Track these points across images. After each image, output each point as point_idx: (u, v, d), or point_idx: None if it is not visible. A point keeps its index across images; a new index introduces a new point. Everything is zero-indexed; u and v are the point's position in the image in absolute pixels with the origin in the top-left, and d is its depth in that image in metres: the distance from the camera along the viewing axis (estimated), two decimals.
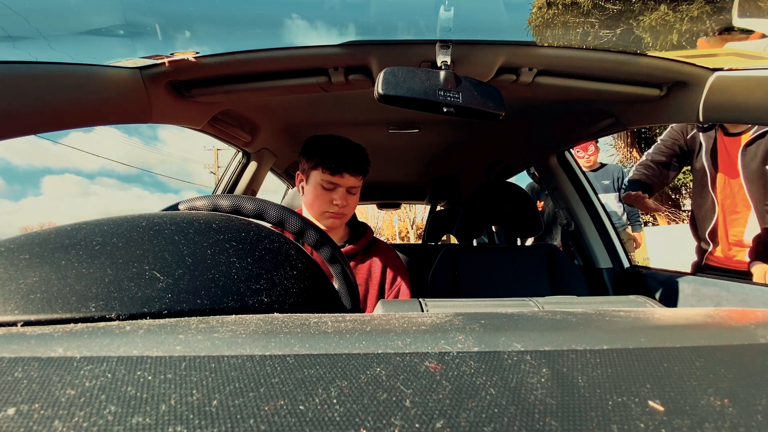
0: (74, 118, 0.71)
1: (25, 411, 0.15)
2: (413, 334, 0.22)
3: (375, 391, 0.17)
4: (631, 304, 0.52)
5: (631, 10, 0.76)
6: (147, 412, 0.15)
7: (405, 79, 0.66)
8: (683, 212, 9.71)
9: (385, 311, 0.47)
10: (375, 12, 0.81)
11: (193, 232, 0.32)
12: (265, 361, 0.18)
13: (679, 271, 1.21)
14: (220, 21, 0.82)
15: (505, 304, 0.55)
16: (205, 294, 0.27)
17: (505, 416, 0.16)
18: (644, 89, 0.93)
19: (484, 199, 1.38)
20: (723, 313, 0.29)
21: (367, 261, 1.06)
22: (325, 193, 0.99)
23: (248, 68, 0.86)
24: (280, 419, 0.15)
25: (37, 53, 0.65)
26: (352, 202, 1.03)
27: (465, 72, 0.74)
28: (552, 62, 0.86)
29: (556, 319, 0.27)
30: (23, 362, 0.17)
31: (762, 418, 0.17)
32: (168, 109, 0.91)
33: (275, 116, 1.39)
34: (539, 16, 0.76)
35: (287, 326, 0.23)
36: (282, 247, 0.36)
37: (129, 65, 0.79)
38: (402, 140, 1.73)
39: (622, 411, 0.17)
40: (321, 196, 0.99)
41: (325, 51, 0.81)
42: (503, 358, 0.20)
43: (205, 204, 0.50)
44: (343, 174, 0.98)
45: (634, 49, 0.84)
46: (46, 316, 0.23)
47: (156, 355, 0.18)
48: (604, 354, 0.20)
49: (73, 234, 0.28)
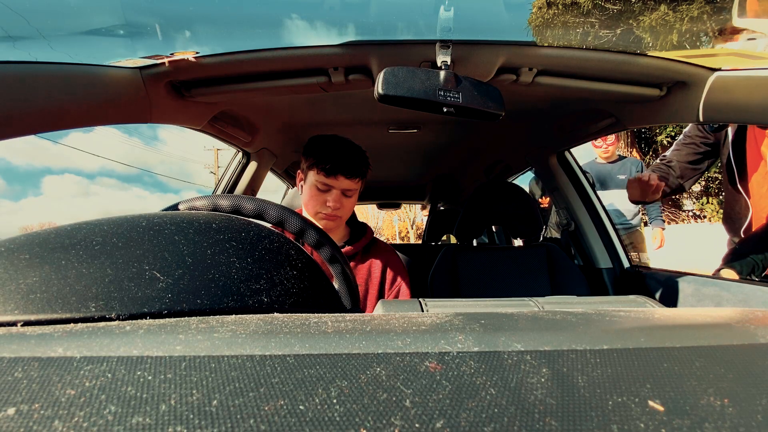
0: (74, 118, 0.71)
1: (25, 411, 0.15)
2: (413, 334, 0.22)
3: (375, 391, 0.17)
4: (631, 304, 0.52)
5: (631, 10, 0.76)
6: (147, 412, 0.15)
7: (405, 79, 0.66)
8: (683, 212, 9.71)
9: (385, 311, 0.47)
10: (375, 12, 0.81)
11: (193, 232, 0.32)
12: (265, 361, 0.18)
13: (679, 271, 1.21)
14: (221, 21, 0.82)
15: (505, 304, 0.55)
16: (205, 294, 0.27)
17: (505, 416, 0.16)
18: (644, 89, 0.93)
19: (484, 199, 1.38)
20: (723, 313, 0.29)
21: (367, 261, 1.06)
22: (319, 194, 0.99)
23: (248, 68, 0.86)
24: (280, 419, 0.15)
25: (38, 53, 0.65)
26: (348, 204, 1.01)
27: (465, 72, 0.74)
28: (552, 62, 0.86)
29: (556, 319, 0.27)
30: (23, 362, 0.17)
31: (762, 418, 0.17)
32: (168, 109, 0.91)
33: (275, 116, 1.38)
34: (539, 16, 0.76)
35: (287, 326, 0.23)
36: (282, 247, 0.36)
37: (129, 65, 0.79)
38: (402, 140, 1.73)
39: (622, 411, 0.17)
40: (315, 197, 0.99)
41: (325, 51, 0.81)
42: (503, 358, 0.20)
43: (205, 204, 0.50)
44: (337, 176, 0.96)
45: (634, 49, 0.84)
46: (46, 316, 0.23)
47: (156, 355, 0.18)
48: (604, 354, 0.20)
49: (73, 234, 0.28)
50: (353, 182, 0.99)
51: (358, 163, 0.99)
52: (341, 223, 1.05)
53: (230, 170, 1.54)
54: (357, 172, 0.99)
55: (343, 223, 1.06)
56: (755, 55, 0.78)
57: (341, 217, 1.02)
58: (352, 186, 1.00)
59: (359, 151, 1.02)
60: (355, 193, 1.03)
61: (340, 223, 1.05)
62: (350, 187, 0.99)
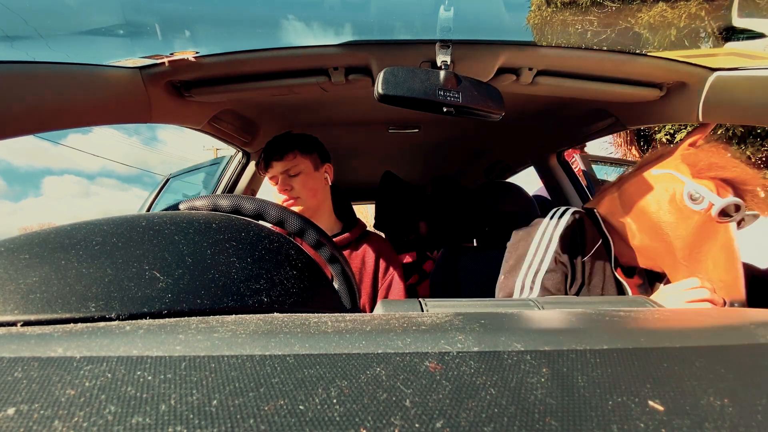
0: (74, 118, 0.71)
1: (24, 411, 0.15)
2: (413, 333, 0.22)
3: (375, 390, 0.17)
4: (631, 304, 0.52)
5: (630, 8, 0.76)
6: (147, 412, 0.15)
7: (405, 78, 0.66)
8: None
9: (385, 311, 0.47)
10: (375, 12, 0.81)
11: (193, 232, 0.32)
12: (265, 361, 0.18)
13: None
14: (221, 21, 0.82)
15: (505, 304, 0.55)
16: (205, 294, 0.27)
17: (505, 416, 0.16)
18: (644, 89, 0.93)
19: (484, 199, 1.38)
20: (723, 313, 0.29)
21: (361, 250, 1.07)
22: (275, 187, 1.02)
23: (248, 68, 0.86)
24: (280, 419, 0.15)
25: (37, 53, 0.65)
26: (298, 184, 1.00)
27: (465, 72, 0.74)
28: (552, 62, 0.86)
29: (556, 318, 0.27)
30: (23, 362, 0.17)
31: (762, 417, 0.17)
32: (168, 109, 0.91)
33: (275, 116, 1.38)
34: (538, 15, 0.76)
35: (287, 326, 0.23)
36: (282, 247, 0.36)
37: (129, 65, 0.79)
38: (402, 140, 1.73)
39: (622, 411, 0.17)
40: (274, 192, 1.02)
41: (325, 51, 0.81)
42: (503, 358, 0.20)
43: (204, 204, 0.50)
44: (271, 164, 1.00)
45: (633, 49, 0.84)
46: (45, 316, 0.23)
47: (156, 355, 0.18)
48: (604, 354, 0.20)
49: (72, 234, 0.28)
50: (287, 161, 1.00)
51: (286, 145, 1.00)
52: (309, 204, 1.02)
53: (230, 170, 1.54)
54: (285, 151, 0.99)
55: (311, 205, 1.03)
56: (755, 54, 0.78)
57: (300, 197, 1.00)
58: (288, 165, 1.00)
59: (292, 136, 1.04)
60: (302, 171, 1.01)
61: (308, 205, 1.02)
62: (287, 166, 1.00)
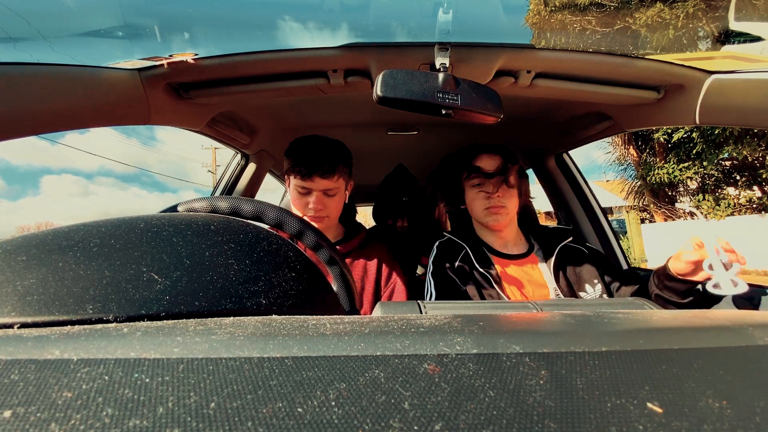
0: (73, 120, 0.71)
1: (21, 413, 0.15)
2: (412, 336, 0.22)
3: (373, 393, 0.17)
4: (629, 306, 0.52)
5: (628, 8, 0.76)
6: (144, 415, 0.15)
7: (404, 81, 0.66)
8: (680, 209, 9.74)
9: (383, 313, 0.47)
10: (374, 14, 0.81)
11: (191, 233, 0.32)
12: (263, 363, 0.18)
13: None
14: (219, 23, 0.82)
15: (503, 306, 0.55)
16: (203, 296, 0.27)
17: (503, 418, 0.16)
18: (642, 92, 0.94)
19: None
20: (721, 315, 0.29)
21: (363, 258, 1.06)
22: (301, 197, 0.97)
23: (247, 70, 0.86)
24: (279, 422, 0.15)
25: (38, 54, 0.65)
26: (332, 204, 0.98)
27: (463, 74, 0.74)
28: (550, 65, 0.86)
29: (554, 321, 0.27)
30: (20, 364, 0.17)
31: (760, 419, 0.17)
32: (167, 110, 0.91)
33: (274, 118, 1.39)
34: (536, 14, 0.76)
35: (285, 328, 0.23)
36: (280, 249, 0.36)
37: (128, 67, 0.79)
38: (401, 142, 1.74)
39: (621, 413, 0.17)
40: (297, 200, 0.97)
41: (325, 53, 0.81)
42: (502, 360, 0.20)
43: (203, 206, 0.50)
44: (313, 178, 0.94)
45: (632, 52, 0.84)
46: (43, 318, 0.23)
47: (153, 358, 0.18)
48: (603, 356, 0.20)
49: (70, 235, 0.28)
50: (331, 181, 0.96)
51: (333, 162, 0.95)
52: (330, 223, 1.02)
53: (229, 171, 1.53)
54: (332, 171, 0.95)
55: (332, 223, 1.04)
56: (752, 58, 0.78)
57: (328, 217, 0.99)
58: (330, 185, 0.96)
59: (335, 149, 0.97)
60: (338, 191, 0.99)
61: (329, 224, 1.02)
62: (329, 186, 0.96)
